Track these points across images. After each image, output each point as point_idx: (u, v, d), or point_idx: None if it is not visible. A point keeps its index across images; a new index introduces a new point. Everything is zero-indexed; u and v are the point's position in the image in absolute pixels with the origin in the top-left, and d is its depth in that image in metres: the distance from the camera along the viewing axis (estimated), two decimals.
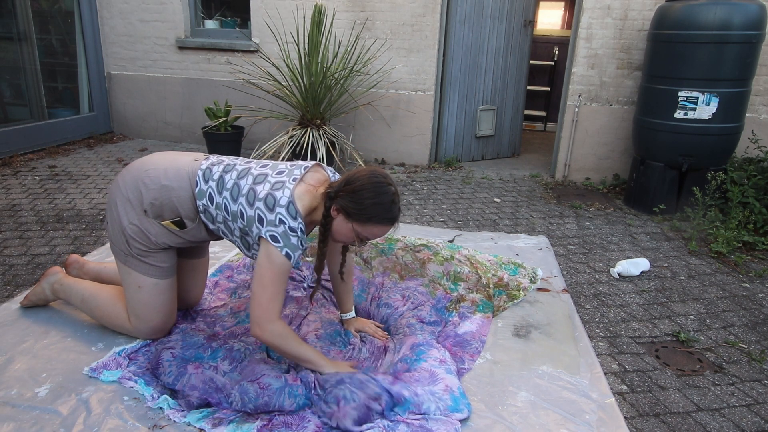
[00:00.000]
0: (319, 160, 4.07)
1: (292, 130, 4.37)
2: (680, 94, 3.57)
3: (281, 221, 1.67)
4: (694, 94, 3.53)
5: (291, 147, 4.29)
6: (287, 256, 1.68)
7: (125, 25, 5.29)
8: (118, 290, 2.06)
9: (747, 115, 3.79)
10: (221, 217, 1.80)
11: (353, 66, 4.41)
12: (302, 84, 4.27)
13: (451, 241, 3.10)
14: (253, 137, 4.99)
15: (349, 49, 4.49)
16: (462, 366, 1.96)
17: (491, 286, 2.52)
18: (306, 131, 4.27)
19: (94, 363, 1.87)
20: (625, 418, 1.76)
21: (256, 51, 4.96)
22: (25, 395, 1.72)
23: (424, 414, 1.64)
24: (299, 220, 1.69)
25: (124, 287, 1.95)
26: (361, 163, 4.38)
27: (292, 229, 1.68)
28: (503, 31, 4.90)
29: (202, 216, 1.84)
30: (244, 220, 1.74)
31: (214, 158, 1.90)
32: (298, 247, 1.70)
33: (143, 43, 5.30)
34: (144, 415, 1.66)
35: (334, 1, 4.68)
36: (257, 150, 4.45)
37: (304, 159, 4.16)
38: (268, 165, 1.84)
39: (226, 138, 4.55)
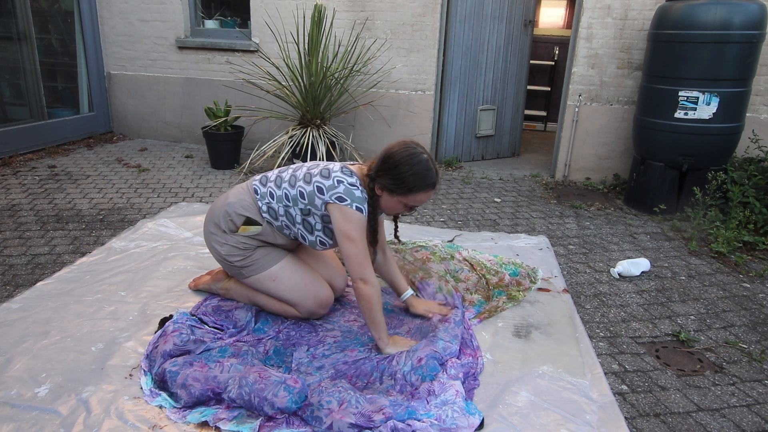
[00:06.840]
0: (319, 160, 4.06)
1: (292, 130, 4.37)
2: (680, 93, 3.56)
3: (339, 181, 1.88)
4: (695, 93, 3.52)
5: (291, 147, 4.29)
6: (358, 209, 1.87)
7: (125, 25, 5.28)
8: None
9: (747, 114, 3.78)
10: (282, 209, 2.02)
11: (353, 66, 4.41)
12: (302, 84, 4.27)
13: (450, 241, 3.10)
14: (253, 137, 4.99)
15: (349, 49, 4.49)
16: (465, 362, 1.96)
17: (491, 287, 2.52)
18: (306, 131, 4.27)
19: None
20: (626, 418, 1.76)
21: (256, 51, 4.96)
22: (25, 395, 1.72)
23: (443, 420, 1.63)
24: (355, 177, 1.90)
25: (266, 293, 2.15)
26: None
27: (351, 185, 1.88)
28: (503, 30, 4.90)
29: (265, 216, 2.05)
30: (305, 199, 1.95)
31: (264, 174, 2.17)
32: (364, 198, 1.89)
33: (143, 43, 5.30)
34: (144, 415, 1.66)
35: (334, 1, 4.68)
36: (257, 150, 4.45)
37: (304, 159, 4.16)
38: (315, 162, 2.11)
39: (225, 138, 4.54)
